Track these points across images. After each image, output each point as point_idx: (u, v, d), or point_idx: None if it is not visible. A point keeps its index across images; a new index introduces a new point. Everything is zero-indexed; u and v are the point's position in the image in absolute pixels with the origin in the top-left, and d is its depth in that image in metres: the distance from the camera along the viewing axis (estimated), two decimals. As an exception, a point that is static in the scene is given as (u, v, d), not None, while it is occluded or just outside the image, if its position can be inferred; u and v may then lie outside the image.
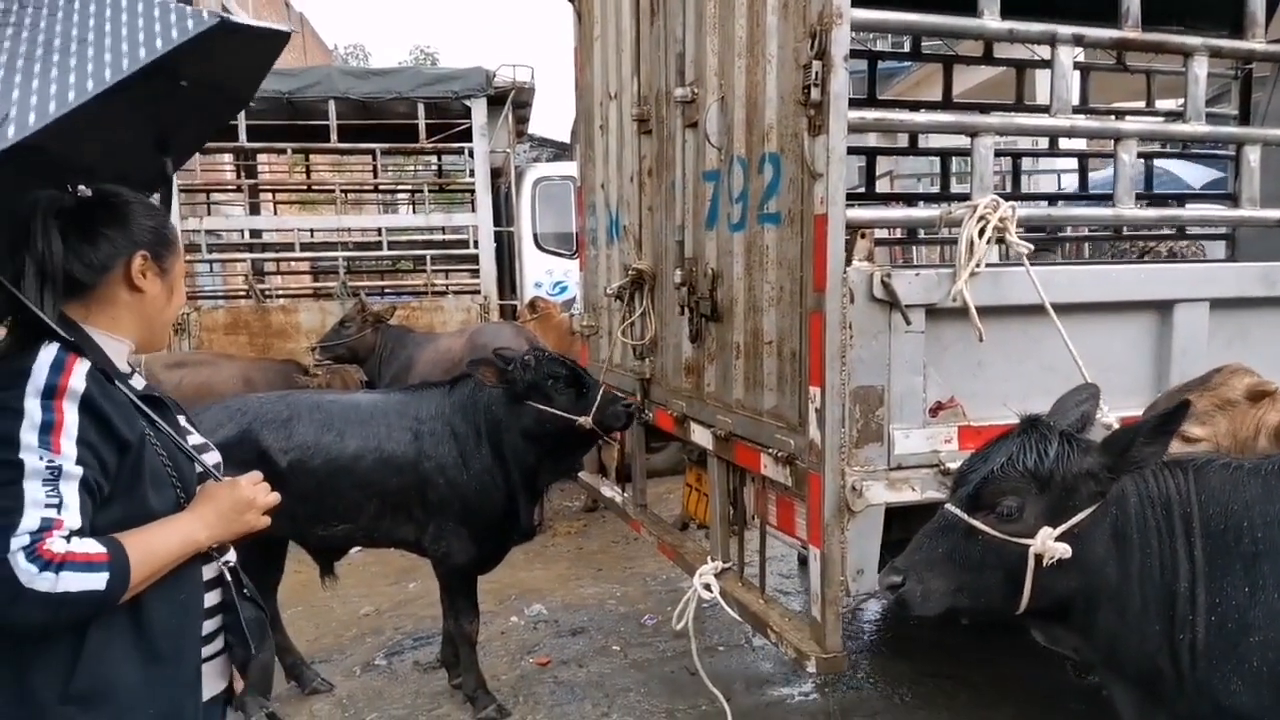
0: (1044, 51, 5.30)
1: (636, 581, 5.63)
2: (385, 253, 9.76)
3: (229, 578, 1.65)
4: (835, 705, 4.03)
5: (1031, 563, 1.89)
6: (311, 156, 10.84)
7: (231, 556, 1.69)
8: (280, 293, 10.21)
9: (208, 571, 1.65)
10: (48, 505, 1.40)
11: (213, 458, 1.77)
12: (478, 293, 8.82)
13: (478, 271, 8.90)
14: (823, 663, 2.78)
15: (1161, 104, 6.22)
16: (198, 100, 1.82)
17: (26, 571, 1.35)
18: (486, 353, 6.16)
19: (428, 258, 9.32)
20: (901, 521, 2.83)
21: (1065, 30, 2.91)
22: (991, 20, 2.83)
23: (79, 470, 1.44)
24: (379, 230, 9.71)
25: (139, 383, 1.69)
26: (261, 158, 10.68)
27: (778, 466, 2.98)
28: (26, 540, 1.37)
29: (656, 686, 4.19)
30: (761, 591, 3.38)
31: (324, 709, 4.06)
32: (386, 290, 10.20)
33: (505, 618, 5.00)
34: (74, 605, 1.39)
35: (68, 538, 1.40)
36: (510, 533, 3.91)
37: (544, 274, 9.49)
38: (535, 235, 9.57)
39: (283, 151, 9.45)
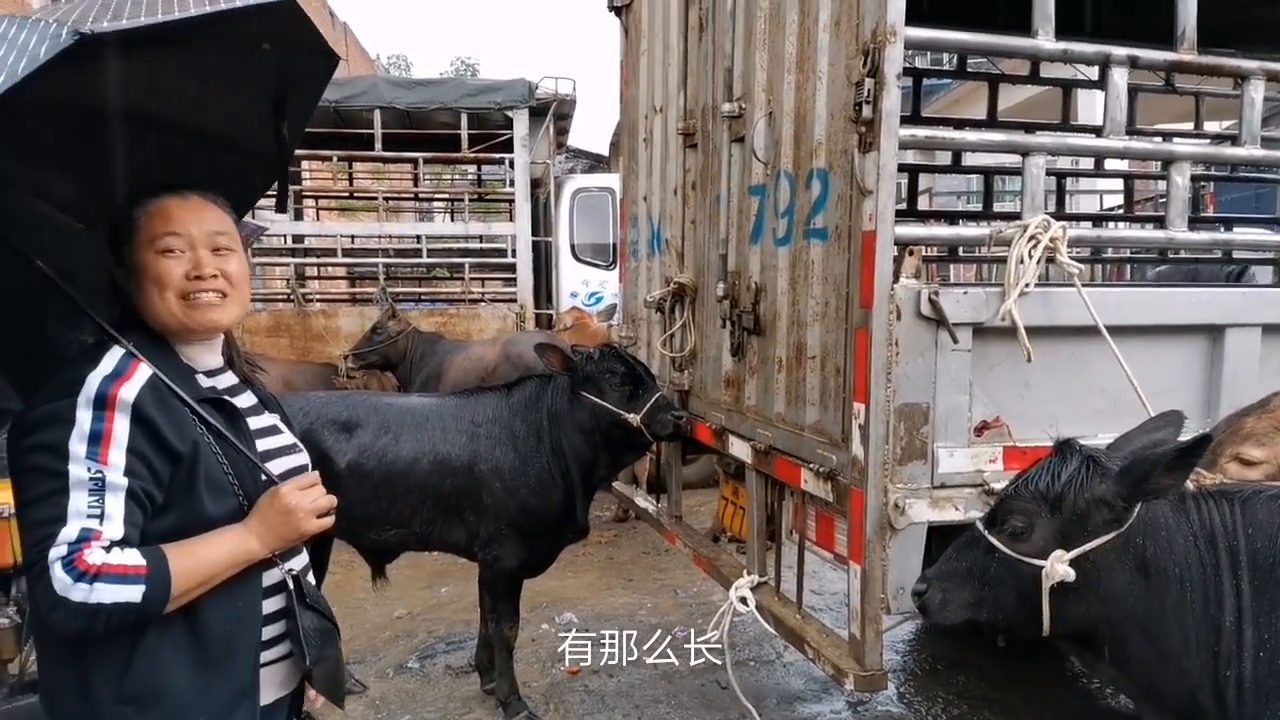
0: (1090, 71, 5.30)
1: (667, 593, 5.63)
2: (424, 260, 9.87)
3: (290, 585, 1.66)
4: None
5: (1046, 585, 1.89)
6: (354, 164, 10.98)
7: (296, 563, 1.68)
8: (320, 297, 10.35)
9: (270, 578, 1.65)
10: (89, 516, 1.41)
11: (300, 458, 1.77)
12: (514, 301, 8.91)
13: (514, 280, 8.98)
14: (861, 680, 2.76)
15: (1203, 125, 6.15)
16: (287, 62, 1.76)
17: (62, 581, 1.37)
18: (520, 362, 6.25)
19: (465, 266, 9.42)
20: (943, 541, 2.80)
21: (1120, 52, 2.89)
22: (1046, 40, 2.81)
23: (125, 481, 1.44)
24: (418, 237, 9.82)
25: (227, 380, 1.71)
26: (305, 164, 10.86)
27: (819, 482, 2.98)
28: (64, 550, 1.38)
29: (686, 699, 4.18)
30: (798, 606, 3.37)
31: (357, 710, 4.09)
32: (423, 297, 10.30)
33: (536, 625, 5.02)
34: (110, 615, 1.40)
35: (107, 548, 1.40)
36: (566, 532, 3.92)
37: (580, 284, 9.53)
38: (572, 245, 9.63)
39: (328, 158, 9.60)
